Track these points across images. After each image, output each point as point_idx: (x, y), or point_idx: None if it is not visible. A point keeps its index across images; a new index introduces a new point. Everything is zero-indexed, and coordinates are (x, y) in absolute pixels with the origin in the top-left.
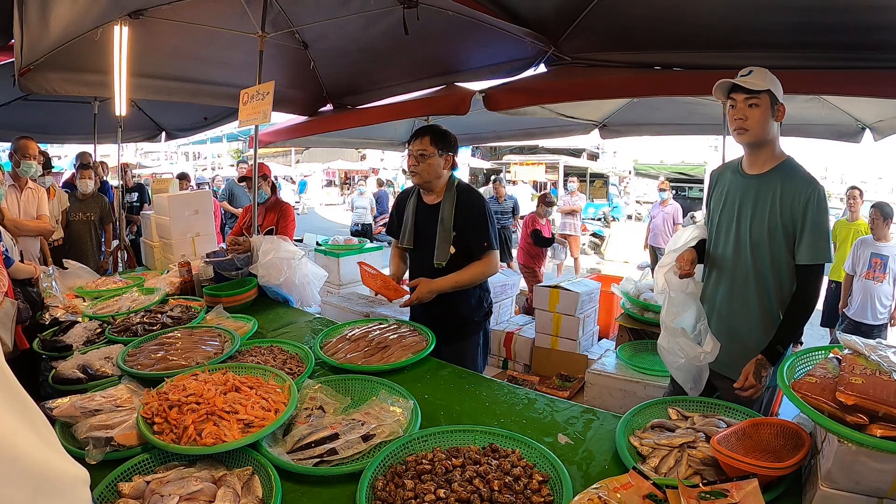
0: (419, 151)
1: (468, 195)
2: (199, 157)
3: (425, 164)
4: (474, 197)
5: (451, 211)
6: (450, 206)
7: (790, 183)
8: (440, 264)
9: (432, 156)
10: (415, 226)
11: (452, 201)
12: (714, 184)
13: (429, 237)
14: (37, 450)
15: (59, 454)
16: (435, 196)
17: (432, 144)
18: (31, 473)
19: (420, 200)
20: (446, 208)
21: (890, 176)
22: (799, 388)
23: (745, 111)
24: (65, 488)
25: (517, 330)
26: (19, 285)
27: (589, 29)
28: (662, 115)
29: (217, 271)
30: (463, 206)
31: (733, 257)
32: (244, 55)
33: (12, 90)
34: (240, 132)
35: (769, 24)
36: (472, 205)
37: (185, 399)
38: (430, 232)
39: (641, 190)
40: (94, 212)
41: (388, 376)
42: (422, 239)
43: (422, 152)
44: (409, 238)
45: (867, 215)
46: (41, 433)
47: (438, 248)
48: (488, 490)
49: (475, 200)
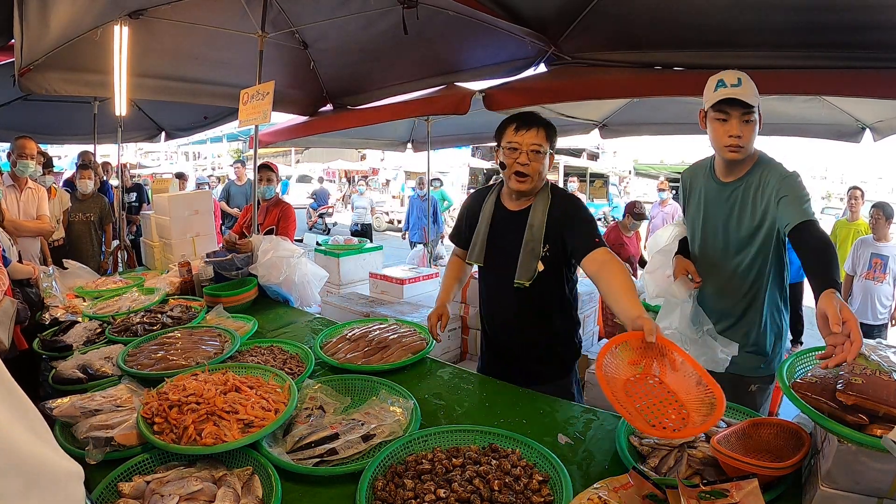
0: (534, 147)
1: (564, 198)
2: (199, 157)
3: (539, 163)
4: (572, 200)
5: (543, 217)
6: (541, 211)
7: (765, 179)
8: (522, 284)
9: (546, 153)
10: (488, 237)
11: (545, 205)
12: (688, 188)
13: (507, 251)
14: (31, 444)
15: (53, 449)
16: (524, 201)
17: (547, 139)
18: (24, 466)
19: (500, 205)
20: (537, 214)
21: (890, 176)
22: (799, 388)
23: (741, 128)
24: (58, 482)
25: None
26: (17, 286)
27: (589, 29)
28: (662, 115)
29: (217, 271)
30: (558, 212)
31: (720, 263)
32: (244, 55)
33: (12, 90)
34: (240, 132)
35: (769, 23)
36: (571, 207)
37: (185, 399)
38: (509, 244)
39: (641, 190)
40: (93, 212)
41: (388, 376)
42: (497, 253)
43: (537, 148)
44: (479, 253)
45: (867, 215)
46: (35, 428)
47: (522, 263)
48: (488, 490)
49: (574, 203)
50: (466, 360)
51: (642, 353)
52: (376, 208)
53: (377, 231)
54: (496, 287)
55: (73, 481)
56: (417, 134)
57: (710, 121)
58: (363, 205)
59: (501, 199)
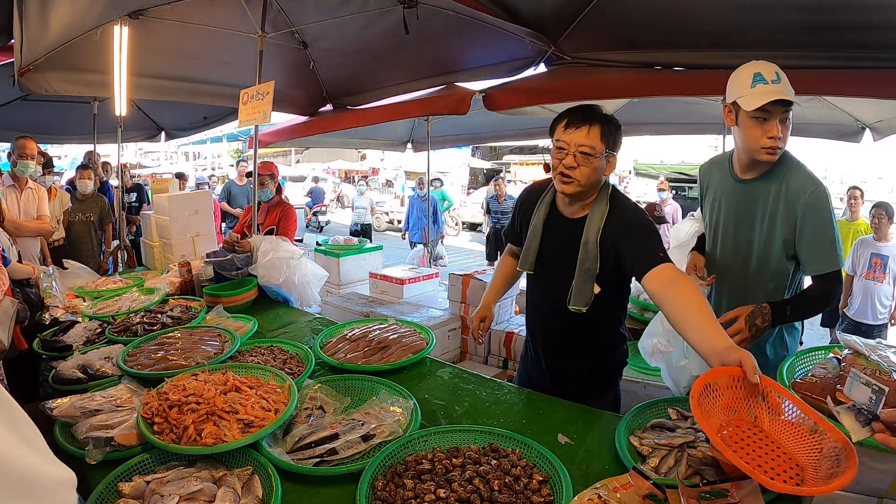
0: (583, 148)
1: (624, 207)
2: (199, 157)
3: (589, 167)
4: (632, 209)
5: (598, 231)
6: (597, 223)
7: (790, 185)
8: (579, 310)
9: (601, 156)
10: (541, 245)
11: (601, 216)
12: (705, 184)
13: (559, 264)
14: (18, 452)
15: (43, 457)
16: (579, 207)
17: (603, 139)
18: (11, 475)
19: (554, 209)
20: (592, 227)
21: (890, 176)
22: (799, 388)
23: (780, 128)
24: (47, 492)
25: (517, 330)
26: (17, 286)
27: (589, 29)
28: (662, 115)
29: (217, 271)
30: (616, 222)
31: (734, 264)
32: (244, 55)
33: (12, 90)
34: (240, 132)
35: (769, 23)
36: (630, 216)
37: (185, 399)
38: (563, 257)
39: (641, 190)
40: (93, 212)
41: (388, 376)
42: (549, 263)
43: (587, 150)
44: (531, 262)
45: (867, 215)
46: (23, 435)
47: (577, 286)
48: (488, 490)
49: (634, 212)
50: (466, 360)
51: (735, 393)
52: (376, 208)
53: (377, 231)
54: (543, 299)
55: (64, 489)
56: (417, 134)
57: (746, 119)
58: (363, 205)
59: (556, 203)
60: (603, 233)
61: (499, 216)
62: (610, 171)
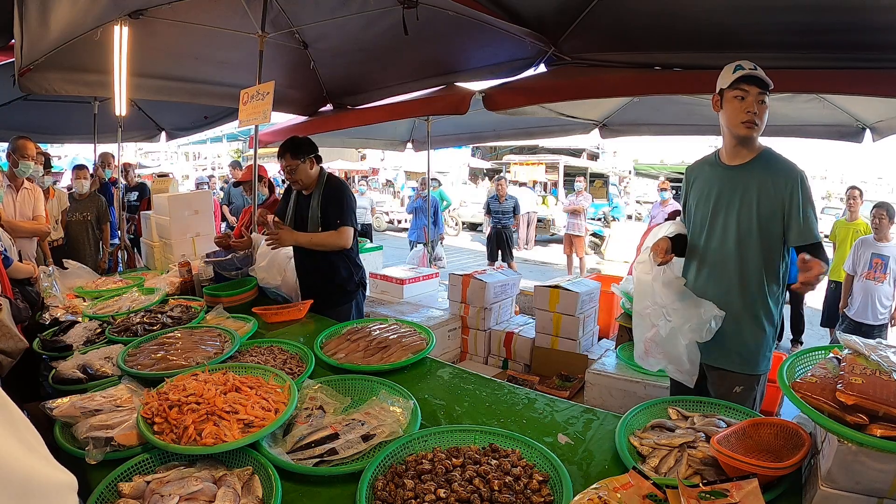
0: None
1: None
2: (199, 157)
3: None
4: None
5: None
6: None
7: (774, 171)
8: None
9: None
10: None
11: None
12: (692, 179)
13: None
14: (20, 456)
15: (43, 460)
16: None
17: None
18: (12, 479)
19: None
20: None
21: (890, 176)
22: (799, 388)
23: (757, 106)
24: (48, 495)
25: (517, 330)
26: (18, 285)
27: (589, 29)
28: (662, 115)
29: (217, 271)
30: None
31: (718, 248)
32: (244, 55)
33: (12, 90)
34: (240, 132)
35: (769, 24)
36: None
37: (185, 399)
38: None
39: (641, 190)
40: (90, 212)
41: (388, 376)
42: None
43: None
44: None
45: (866, 215)
46: (26, 440)
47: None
48: (488, 490)
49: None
50: (466, 360)
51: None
52: (376, 208)
53: (377, 231)
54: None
55: (65, 493)
56: (417, 134)
57: (728, 100)
58: (363, 205)
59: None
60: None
61: (499, 216)
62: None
